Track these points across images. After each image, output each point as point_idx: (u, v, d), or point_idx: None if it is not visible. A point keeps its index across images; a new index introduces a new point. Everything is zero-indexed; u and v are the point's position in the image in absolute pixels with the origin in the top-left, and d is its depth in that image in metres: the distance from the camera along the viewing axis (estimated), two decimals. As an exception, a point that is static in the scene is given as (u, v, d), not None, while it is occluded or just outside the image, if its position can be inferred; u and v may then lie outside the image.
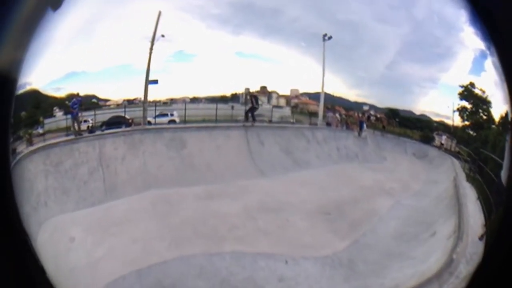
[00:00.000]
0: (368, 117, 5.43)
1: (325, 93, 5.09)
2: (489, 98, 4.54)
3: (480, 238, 4.66)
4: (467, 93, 4.65)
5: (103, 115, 4.62)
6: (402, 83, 4.87)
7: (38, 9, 3.18)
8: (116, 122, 4.59)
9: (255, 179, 4.98)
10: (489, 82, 4.41)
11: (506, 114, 4.24)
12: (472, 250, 4.44)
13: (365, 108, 5.26)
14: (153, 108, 4.71)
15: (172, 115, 4.89)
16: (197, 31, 4.42)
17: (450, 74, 4.70)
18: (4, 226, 2.83)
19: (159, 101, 4.71)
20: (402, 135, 5.40)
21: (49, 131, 4.27)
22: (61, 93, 4.10)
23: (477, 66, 4.46)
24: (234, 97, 4.98)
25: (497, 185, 4.67)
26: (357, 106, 5.21)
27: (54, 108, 4.26)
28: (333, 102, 5.34)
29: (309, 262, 4.22)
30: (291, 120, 5.50)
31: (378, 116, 5.35)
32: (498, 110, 4.40)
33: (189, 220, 4.21)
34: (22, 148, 3.84)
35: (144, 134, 4.69)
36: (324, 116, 5.50)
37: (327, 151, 5.61)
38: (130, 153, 4.51)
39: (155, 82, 4.34)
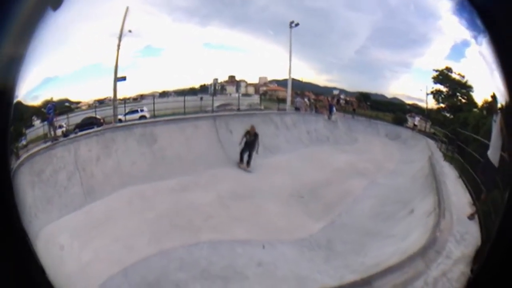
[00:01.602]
0: (338, 101, 5.34)
1: (294, 80, 5.02)
2: (470, 83, 4.57)
3: (470, 218, 4.62)
4: (443, 77, 4.64)
5: (78, 118, 4.47)
6: (373, 68, 4.81)
7: (38, 9, 3.10)
8: (88, 124, 4.45)
9: (225, 168, 4.89)
10: (470, 69, 4.44)
11: (493, 99, 4.27)
12: (462, 229, 4.38)
13: (335, 92, 5.19)
14: (125, 105, 4.63)
15: (142, 111, 4.80)
16: (164, 24, 4.33)
17: (424, 59, 4.67)
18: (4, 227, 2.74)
19: (129, 98, 4.63)
20: (373, 117, 5.36)
21: (31, 141, 4.13)
22: (38, 101, 3.98)
23: (457, 52, 4.49)
24: (203, 88, 4.86)
25: (483, 165, 4.60)
26: (327, 91, 5.15)
27: (33, 117, 4.11)
28: (302, 88, 5.27)
29: (287, 246, 4.13)
30: (260, 107, 5.39)
31: (348, 99, 5.27)
32: (481, 94, 4.43)
33: (166, 214, 4.14)
34: (12, 162, 3.71)
35: (115, 133, 4.58)
36: (293, 102, 5.43)
37: (297, 135, 5.54)
38: (103, 153, 4.40)
39: (123, 79, 4.23)
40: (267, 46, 4.77)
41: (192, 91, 4.78)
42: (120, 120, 4.57)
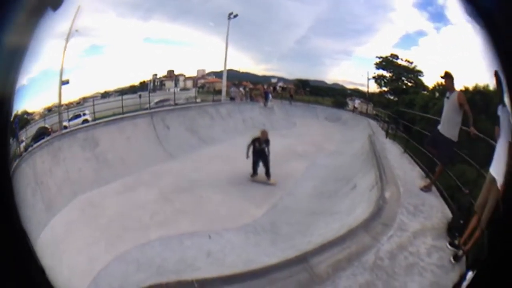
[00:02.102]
0: (274, 88, 5.47)
1: (232, 70, 5.12)
2: (418, 68, 4.93)
3: (424, 189, 4.73)
4: (387, 63, 4.93)
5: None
6: (312, 56, 4.91)
7: (38, 9, 3.00)
8: (40, 134, 4.23)
9: (165, 163, 4.92)
10: (421, 55, 4.69)
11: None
12: (415, 201, 4.42)
13: (273, 80, 5.31)
14: (68, 111, 4.49)
15: (84, 114, 4.68)
16: (108, 21, 4.29)
17: (367, 48, 4.87)
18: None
19: (73, 103, 4.49)
20: (312, 102, 5.48)
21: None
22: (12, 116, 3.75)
23: (408, 41, 4.70)
24: (143, 86, 4.90)
25: (433, 139, 4.78)
26: (266, 79, 5.26)
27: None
28: (240, 78, 5.41)
29: (232, 233, 4.11)
30: (197, 100, 5.48)
31: (285, 86, 5.40)
32: (431, 78, 4.71)
33: (116, 217, 4.09)
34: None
35: (61, 140, 4.44)
36: (228, 92, 5.52)
37: (232, 125, 5.65)
38: (54, 164, 4.27)
39: (67, 82, 4.10)
40: (207, 38, 4.87)
41: (132, 89, 4.80)
42: (65, 127, 4.42)
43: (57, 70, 3.86)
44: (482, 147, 4.16)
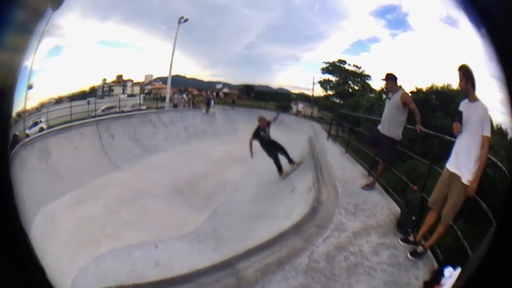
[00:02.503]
0: (217, 94, 5.61)
1: (178, 76, 5.24)
2: (366, 72, 5.18)
3: (366, 188, 4.86)
4: (333, 68, 5.17)
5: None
6: (259, 62, 5.03)
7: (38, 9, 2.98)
8: (14, 142, 4.10)
9: (111, 174, 4.96)
10: (370, 60, 4.87)
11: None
12: (356, 201, 4.50)
13: (218, 86, 5.47)
14: (24, 119, 4.36)
15: (41, 122, 4.61)
16: (72, 19, 4.25)
17: (315, 54, 5.04)
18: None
19: (34, 108, 4.40)
20: (256, 107, 5.60)
21: None
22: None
23: (358, 47, 4.91)
24: (93, 91, 4.95)
25: (373, 138, 4.93)
26: (211, 85, 5.44)
27: None
28: (186, 84, 5.52)
29: (177, 242, 4.21)
30: (142, 108, 5.53)
31: (228, 91, 5.53)
32: (377, 82, 5.00)
33: (70, 232, 4.12)
34: None
35: (25, 150, 4.40)
36: (171, 99, 5.60)
37: (174, 133, 5.74)
38: (22, 177, 3.91)
39: (31, 87, 3.98)
40: (157, 42, 4.98)
41: (82, 95, 4.85)
42: (28, 135, 4.35)
43: (27, 72, 3.67)
44: (436, 143, 4.43)
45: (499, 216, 2.36)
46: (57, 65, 4.16)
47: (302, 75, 5.13)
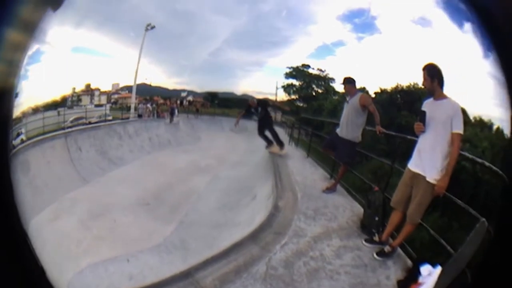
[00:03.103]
0: (181, 103, 5.70)
1: (144, 84, 5.26)
2: (330, 76, 5.30)
3: (327, 191, 4.95)
4: (297, 72, 5.29)
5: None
6: (224, 68, 5.13)
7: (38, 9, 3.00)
8: None
9: (81, 188, 5.04)
10: (334, 64, 4.98)
11: (351, 84, 4.73)
12: (315, 205, 4.56)
13: (183, 94, 5.55)
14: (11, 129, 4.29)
15: (21, 133, 4.60)
16: (51, 25, 4.11)
17: (279, 59, 5.15)
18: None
19: (15, 118, 4.21)
20: (219, 114, 5.68)
21: None
22: None
23: (323, 51, 5.04)
24: (63, 101, 4.94)
25: (330, 142, 5.04)
26: (176, 93, 5.50)
27: None
28: (151, 93, 5.56)
29: (147, 254, 4.29)
30: (109, 118, 5.55)
31: (192, 100, 5.62)
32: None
33: (50, 247, 3.96)
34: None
35: (11, 161, 4.37)
36: (136, 109, 5.63)
37: (139, 144, 5.75)
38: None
39: (16, 95, 3.98)
40: (124, 50, 4.98)
41: (53, 105, 4.83)
42: (14, 146, 4.22)
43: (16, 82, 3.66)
44: (398, 142, 4.57)
45: (488, 211, 2.52)
46: (37, 72, 4.07)
47: (266, 81, 5.22)
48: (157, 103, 5.60)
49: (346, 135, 4.80)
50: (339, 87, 5.23)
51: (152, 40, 4.71)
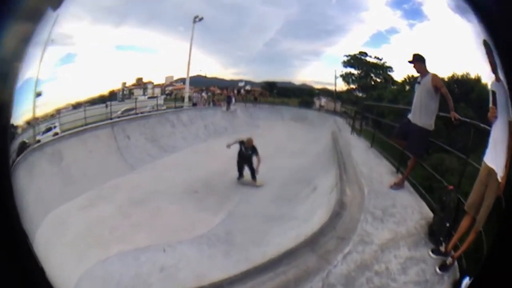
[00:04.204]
0: (239, 91, 5.13)
1: (199, 76, 4.81)
2: (388, 64, 4.56)
3: (395, 187, 4.14)
4: (354, 61, 4.64)
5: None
6: (281, 58, 4.66)
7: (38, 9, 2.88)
8: (20, 149, 4.01)
9: (125, 175, 4.62)
10: (391, 52, 4.39)
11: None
12: (383, 204, 3.88)
13: (241, 84, 4.98)
14: (34, 126, 4.17)
15: (55, 127, 4.39)
16: (83, 27, 4.06)
17: (336, 47, 4.56)
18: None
19: (47, 115, 4.22)
20: (278, 103, 5.14)
21: None
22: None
23: (378, 39, 4.44)
24: (112, 95, 4.62)
25: (402, 129, 4.33)
26: (233, 84, 4.97)
27: None
28: (207, 84, 5.10)
29: (186, 245, 3.84)
30: (162, 108, 5.16)
31: (250, 89, 5.07)
32: (401, 73, 4.39)
33: (80, 234, 3.89)
34: None
35: (33, 155, 4.15)
36: (190, 98, 5.20)
37: (194, 131, 5.30)
38: (28, 182, 3.97)
39: (40, 94, 3.83)
40: (176, 44, 4.61)
41: (101, 99, 4.56)
42: (38, 141, 4.17)
43: (33, 82, 3.63)
44: (461, 133, 3.86)
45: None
46: (71, 72, 3.97)
47: (324, 70, 4.65)
48: (213, 93, 5.24)
49: (419, 121, 4.05)
50: (397, 76, 4.65)
51: (203, 32, 4.41)
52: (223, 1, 4.51)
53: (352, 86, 4.86)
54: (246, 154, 4.61)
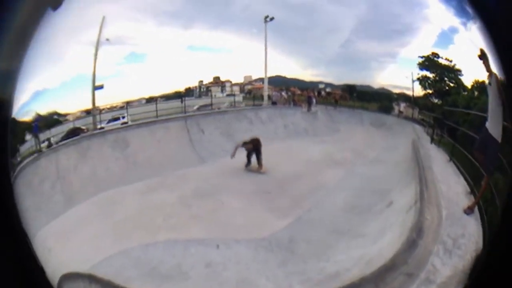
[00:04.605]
0: (319, 93, 4.99)
1: (279, 76, 4.75)
2: (458, 67, 4.21)
3: (468, 212, 3.50)
4: (429, 63, 4.39)
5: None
6: (359, 60, 4.52)
7: (38, 10, 2.96)
8: (72, 134, 4.25)
9: (194, 167, 4.55)
10: (458, 53, 4.08)
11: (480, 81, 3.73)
12: (456, 231, 3.27)
13: (321, 86, 4.88)
14: (99, 114, 4.40)
15: (123, 117, 4.52)
16: (148, 29, 4.12)
17: (410, 48, 4.36)
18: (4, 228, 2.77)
19: (116, 106, 4.42)
20: (358, 107, 4.95)
21: (24, 157, 3.94)
22: (29, 116, 3.80)
23: (444, 39, 4.19)
24: (188, 91, 4.63)
25: (482, 140, 3.61)
26: (313, 85, 4.87)
27: (25, 132, 3.95)
28: (287, 84, 5.02)
29: (242, 245, 3.62)
30: (241, 105, 5.11)
31: (330, 91, 4.92)
32: (469, 77, 4.00)
33: (131, 216, 3.88)
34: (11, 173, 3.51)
35: (91, 140, 4.34)
36: (270, 97, 5.10)
37: (272, 130, 5.16)
38: (80, 161, 4.19)
39: (101, 87, 3.98)
40: (250, 44, 4.56)
41: (177, 95, 4.57)
42: (102, 128, 4.34)
43: (88, 76, 3.86)
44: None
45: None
46: (138, 69, 4.12)
47: (400, 73, 4.48)
48: (294, 93, 5.15)
49: (492, 130, 3.35)
50: (466, 80, 4.19)
51: (276, 32, 4.37)
52: (289, 2, 4.46)
53: (429, 90, 4.58)
54: (251, 151, 4.50)
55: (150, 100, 4.43)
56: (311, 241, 3.61)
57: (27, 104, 3.53)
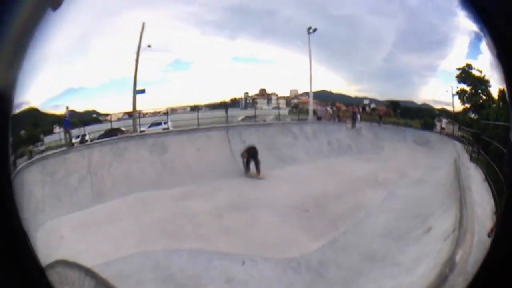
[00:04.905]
0: (364, 109, 4.86)
1: (324, 91, 4.68)
2: (487, 78, 4.03)
3: (490, 234, 3.16)
4: (465, 75, 4.24)
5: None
6: (402, 74, 4.42)
7: (38, 9, 3.07)
8: (110, 134, 4.36)
9: (233, 178, 4.50)
10: (485, 63, 3.86)
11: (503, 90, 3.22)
12: (478, 260, 3.18)
13: (365, 102, 4.76)
14: (139, 118, 4.49)
15: (165, 123, 4.57)
16: (193, 38, 4.13)
17: (448, 60, 4.24)
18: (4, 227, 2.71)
19: (159, 112, 4.50)
20: (401, 124, 4.80)
21: (50, 147, 4.06)
22: (59, 110, 3.84)
23: (473, 49, 3.97)
24: (234, 102, 4.64)
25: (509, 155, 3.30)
26: (358, 101, 4.77)
27: (54, 125, 4.05)
28: (333, 99, 4.93)
29: (269, 264, 3.51)
30: (288, 119, 5.05)
31: (374, 107, 4.81)
32: (495, 88, 3.79)
33: (160, 220, 3.87)
34: (22, 162, 3.53)
35: (129, 142, 4.43)
36: (315, 112, 5.02)
37: (317, 146, 5.04)
38: (116, 161, 4.24)
39: (142, 91, 4.04)
40: (295, 56, 4.51)
41: (222, 105, 4.59)
42: (142, 131, 4.41)
43: (130, 80, 3.91)
44: None
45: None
46: (184, 77, 4.13)
47: (441, 87, 4.36)
48: (339, 108, 5.07)
49: None
50: (494, 92, 3.89)
51: (320, 45, 4.29)
52: (331, 13, 4.34)
53: (467, 105, 4.39)
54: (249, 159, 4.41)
55: (195, 108, 4.43)
56: (342, 266, 3.49)
57: (56, 98, 3.62)
